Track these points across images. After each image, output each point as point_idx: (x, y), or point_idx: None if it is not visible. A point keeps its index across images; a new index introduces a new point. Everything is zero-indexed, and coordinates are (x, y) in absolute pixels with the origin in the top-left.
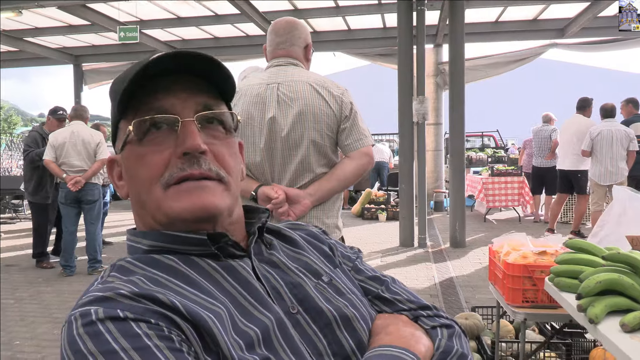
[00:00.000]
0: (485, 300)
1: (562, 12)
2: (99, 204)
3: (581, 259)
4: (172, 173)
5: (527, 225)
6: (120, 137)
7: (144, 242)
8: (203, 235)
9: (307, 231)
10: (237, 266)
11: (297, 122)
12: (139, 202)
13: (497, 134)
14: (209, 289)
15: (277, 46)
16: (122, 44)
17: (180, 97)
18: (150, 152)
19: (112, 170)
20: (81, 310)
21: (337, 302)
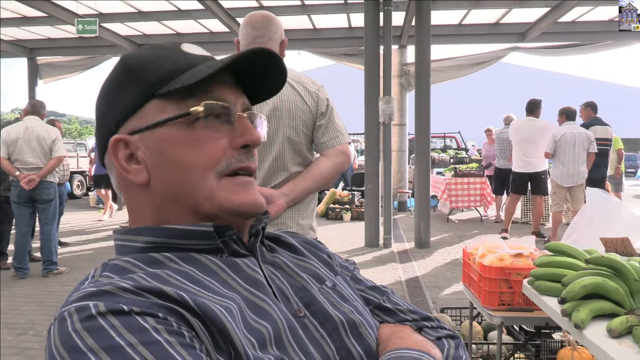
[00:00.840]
0: (451, 300)
1: (523, 17)
2: (55, 203)
3: (562, 262)
4: (229, 163)
5: (489, 225)
6: (145, 116)
7: (139, 239)
8: (209, 228)
9: (305, 239)
10: (242, 264)
11: (271, 118)
12: (175, 189)
13: (459, 136)
14: (215, 286)
15: (254, 40)
16: (79, 38)
17: (234, 93)
18: (210, 138)
19: (117, 152)
20: (77, 305)
21: (343, 308)
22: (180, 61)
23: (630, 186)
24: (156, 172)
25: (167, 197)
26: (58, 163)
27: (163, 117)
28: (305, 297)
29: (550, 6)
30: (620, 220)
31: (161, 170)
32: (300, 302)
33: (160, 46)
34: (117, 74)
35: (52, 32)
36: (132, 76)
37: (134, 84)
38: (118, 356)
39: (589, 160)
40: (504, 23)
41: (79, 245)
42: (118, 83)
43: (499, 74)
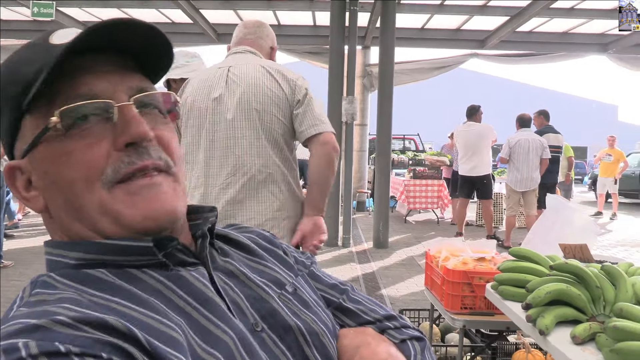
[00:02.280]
0: (409, 302)
1: (483, 24)
2: (2, 192)
3: (525, 267)
4: (116, 168)
5: (445, 227)
6: (25, 136)
7: (71, 254)
8: (147, 242)
9: (259, 234)
10: (190, 277)
11: (244, 102)
12: (68, 210)
13: (418, 138)
14: (161, 307)
15: (244, 36)
16: (34, 21)
17: (109, 79)
18: (82, 147)
19: (15, 180)
20: (5, 345)
21: (305, 316)
22: (39, 61)
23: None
24: (47, 195)
25: (68, 220)
26: None
27: (34, 136)
28: (262, 309)
29: (509, 15)
30: (578, 226)
31: (51, 193)
32: (257, 314)
33: (28, 45)
34: None
35: (5, 14)
36: (2, 93)
37: (4, 101)
38: None
39: (542, 166)
40: (465, 29)
41: (26, 237)
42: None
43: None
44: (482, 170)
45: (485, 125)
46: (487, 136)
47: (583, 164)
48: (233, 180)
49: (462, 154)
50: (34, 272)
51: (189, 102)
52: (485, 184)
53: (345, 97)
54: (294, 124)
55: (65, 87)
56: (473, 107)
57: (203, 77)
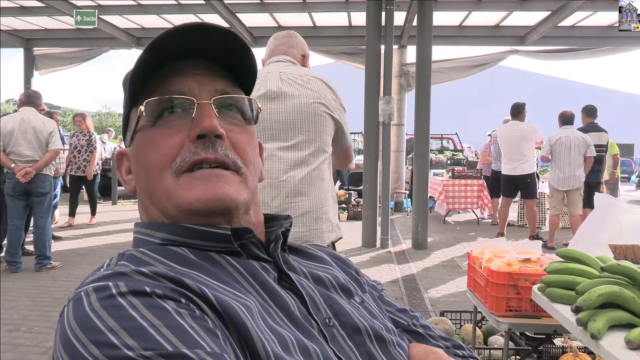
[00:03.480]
0: (450, 303)
1: (523, 20)
2: (50, 196)
3: (575, 269)
4: (184, 157)
5: (485, 227)
6: (130, 126)
7: (157, 234)
8: (226, 230)
9: (333, 253)
10: (261, 270)
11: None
12: (147, 193)
13: (456, 137)
14: (233, 284)
15: (276, 47)
16: (77, 29)
17: (198, 80)
18: (162, 136)
19: (121, 164)
20: (96, 285)
21: (372, 323)
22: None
23: (625, 191)
24: (137, 179)
25: (146, 202)
26: (54, 156)
27: (134, 126)
28: (334, 306)
29: (550, 10)
30: (628, 226)
31: (138, 177)
32: (330, 310)
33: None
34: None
35: (49, 23)
36: (123, 87)
37: (125, 95)
38: (140, 338)
39: (587, 164)
40: (504, 26)
41: (73, 239)
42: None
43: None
44: (526, 169)
45: (530, 126)
46: (532, 137)
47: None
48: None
49: (504, 153)
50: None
51: None
52: (529, 183)
53: (382, 97)
54: None
55: (161, 84)
56: (518, 105)
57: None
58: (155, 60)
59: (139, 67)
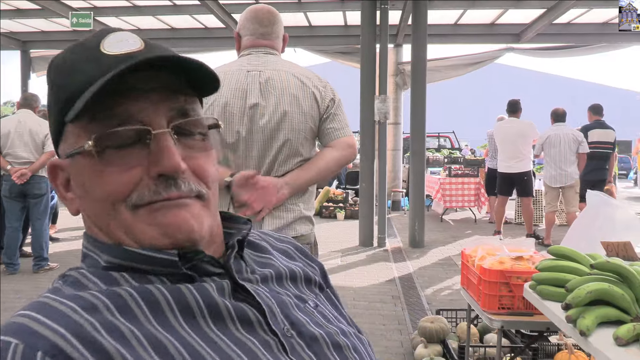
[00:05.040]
0: (446, 302)
1: (518, 18)
2: (46, 198)
3: (565, 266)
4: (141, 195)
5: (483, 225)
6: (67, 141)
7: (103, 256)
8: (172, 256)
9: (294, 245)
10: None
11: (278, 112)
12: (98, 221)
13: (453, 135)
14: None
15: (262, 36)
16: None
17: (150, 99)
18: (113, 171)
19: (56, 176)
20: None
21: (328, 328)
22: (88, 72)
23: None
24: (82, 203)
25: (97, 230)
26: (50, 157)
27: (75, 146)
28: (290, 316)
29: (546, 7)
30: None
31: (85, 203)
32: (287, 320)
33: (80, 46)
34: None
35: (45, 25)
36: (53, 93)
37: (53, 103)
38: None
39: (581, 161)
40: (500, 23)
41: (71, 241)
42: (49, 102)
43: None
44: (522, 166)
45: (528, 123)
46: (529, 134)
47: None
48: None
49: (501, 150)
50: None
51: (221, 103)
52: (526, 180)
53: (378, 96)
54: (322, 126)
55: (105, 104)
56: (515, 102)
57: (233, 79)
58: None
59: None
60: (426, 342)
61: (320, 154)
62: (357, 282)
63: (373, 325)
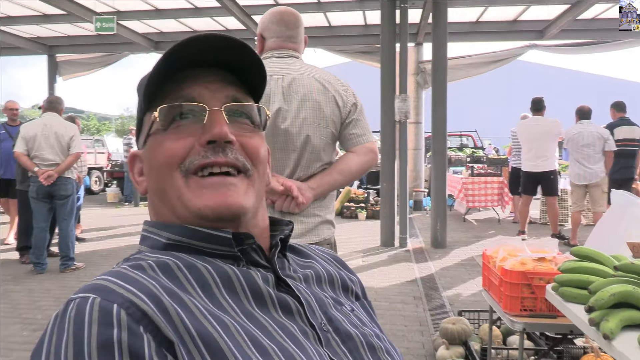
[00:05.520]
0: (469, 303)
1: (541, 14)
2: (72, 199)
3: (588, 268)
4: (192, 160)
5: (506, 225)
6: (144, 130)
7: (163, 234)
8: (227, 234)
9: (334, 255)
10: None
11: (301, 117)
12: (158, 194)
13: (476, 134)
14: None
15: (288, 39)
16: (98, 35)
17: (209, 87)
18: (172, 138)
19: (134, 166)
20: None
21: (363, 330)
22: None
23: None
24: (148, 180)
25: (157, 203)
26: (76, 159)
27: (147, 130)
28: (327, 312)
29: (569, 3)
30: None
31: (149, 178)
32: (324, 316)
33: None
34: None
35: (71, 30)
36: (138, 92)
37: (139, 100)
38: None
39: (607, 158)
40: (522, 20)
41: (96, 241)
42: (139, 103)
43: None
44: (548, 165)
45: (554, 121)
46: (554, 132)
47: None
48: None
49: (526, 149)
50: None
51: None
52: (551, 179)
53: (398, 96)
54: (343, 131)
55: (174, 91)
56: (539, 100)
57: None
58: (171, 68)
59: (154, 74)
60: (448, 343)
61: (343, 159)
62: (378, 282)
63: (394, 326)
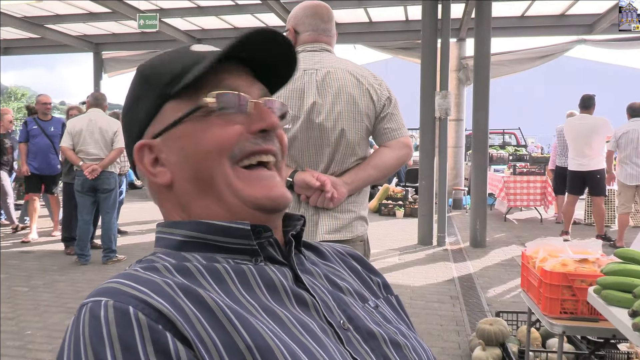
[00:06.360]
0: (508, 303)
1: (591, 8)
2: (115, 193)
3: (633, 270)
4: (242, 147)
5: (549, 226)
6: (164, 119)
7: (177, 232)
8: (246, 226)
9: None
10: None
11: (335, 111)
12: (199, 181)
13: (519, 132)
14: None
15: (324, 32)
16: (141, 33)
17: (245, 80)
18: (220, 125)
19: (142, 157)
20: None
21: (386, 328)
22: (186, 60)
23: None
24: (178, 169)
25: (192, 193)
26: (119, 154)
27: (179, 116)
28: (347, 310)
29: None
30: None
31: (182, 167)
32: (343, 314)
33: (170, 51)
34: (134, 86)
35: (116, 28)
36: (147, 83)
37: (149, 90)
38: None
39: None
40: (571, 14)
41: (138, 234)
42: (136, 94)
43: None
44: (595, 164)
45: (601, 119)
46: (602, 131)
47: None
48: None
49: (572, 147)
50: None
51: None
52: (599, 179)
53: (439, 92)
54: (378, 125)
55: (211, 80)
56: (589, 97)
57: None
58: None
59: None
60: (484, 344)
61: (378, 154)
62: (415, 281)
63: (430, 326)
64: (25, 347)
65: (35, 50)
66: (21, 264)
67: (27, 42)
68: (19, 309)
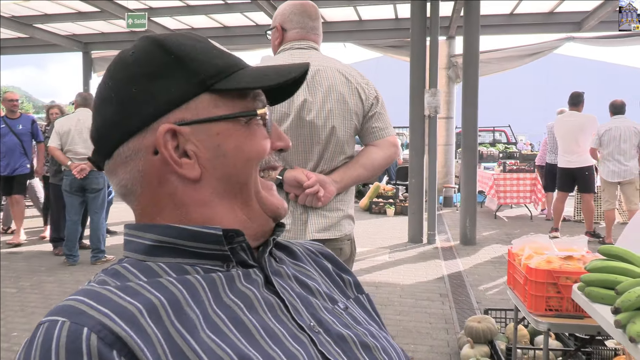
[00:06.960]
0: (496, 301)
1: (579, 5)
2: (104, 192)
3: (616, 267)
4: (267, 160)
5: (539, 223)
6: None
7: (147, 235)
8: (218, 231)
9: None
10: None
11: (326, 108)
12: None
13: (509, 130)
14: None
15: (311, 30)
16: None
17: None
18: (262, 136)
19: (166, 142)
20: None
21: (356, 330)
22: (227, 58)
23: None
24: (209, 166)
25: (219, 193)
26: None
27: (219, 113)
28: (316, 314)
29: None
30: None
31: (214, 164)
32: (313, 318)
33: (196, 38)
34: (158, 60)
35: (104, 27)
36: (182, 66)
37: (185, 74)
38: None
39: None
40: (559, 12)
41: None
42: (161, 70)
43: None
44: (584, 161)
45: (589, 116)
46: (590, 128)
47: None
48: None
49: (561, 144)
50: None
51: None
52: (587, 176)
53: (428, 90)
54: (365, 125)
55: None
56: (577, 94)
57: None
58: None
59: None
60: (472, 342)
61: (366, 153)
62: (405, 279)
63: (419, 324)
64: (12, 349)
65: (24, 50)
66: (9, 265)
67: (16, 42)
68: (6, 310)
